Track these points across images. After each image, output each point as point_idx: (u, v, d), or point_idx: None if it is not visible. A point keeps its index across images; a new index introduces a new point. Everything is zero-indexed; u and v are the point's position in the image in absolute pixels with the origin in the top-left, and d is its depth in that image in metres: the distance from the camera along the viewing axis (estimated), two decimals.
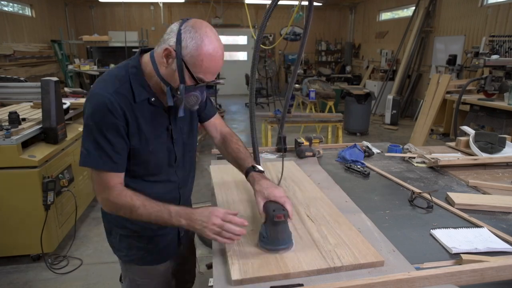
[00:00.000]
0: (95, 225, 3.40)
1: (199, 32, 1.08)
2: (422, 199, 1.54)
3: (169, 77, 1.13)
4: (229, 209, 1.30)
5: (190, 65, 1.09)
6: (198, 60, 1.08)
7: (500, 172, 1.92)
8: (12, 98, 3.46)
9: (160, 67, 1.14)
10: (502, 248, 1.18)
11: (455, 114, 4.36)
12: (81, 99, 4.03)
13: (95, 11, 11.15)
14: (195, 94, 1.15)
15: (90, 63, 7.50)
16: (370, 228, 1.31)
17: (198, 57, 1.08)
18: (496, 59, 4.74)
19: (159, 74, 1.15)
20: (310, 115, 4.74)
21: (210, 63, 1.10)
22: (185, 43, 1.07)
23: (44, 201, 2.58)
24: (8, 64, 7.20)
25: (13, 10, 8.08)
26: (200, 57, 1.08)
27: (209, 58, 1.09)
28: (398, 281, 0.97)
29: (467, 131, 2.35)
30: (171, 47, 1.09)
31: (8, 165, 2.51)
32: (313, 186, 1.67)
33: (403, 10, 9.57)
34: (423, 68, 8.49)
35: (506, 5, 6.05)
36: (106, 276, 2.68)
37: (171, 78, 1.13)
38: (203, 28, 1.09)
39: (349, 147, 2.19)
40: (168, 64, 1.12)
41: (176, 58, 1.09)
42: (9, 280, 2.60)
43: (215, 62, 1.11)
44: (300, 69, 11.22)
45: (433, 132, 6.50)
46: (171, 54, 1.09)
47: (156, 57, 1.16)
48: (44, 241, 2.62)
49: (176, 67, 1.10)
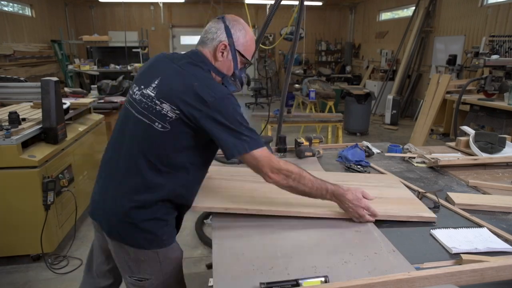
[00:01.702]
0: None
1: (241, 24, 1.34)
2: (428, 199, 1.54)
3: (225, 68, 1.34)
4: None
5: (243, 51, 1.34)
6: (247, 45, 1.34)
7: (500, 172, 1.92)
8: (12, 98, 3.47)
9: (216, 63, 1.33)
10: (502, 248, 1.18)
11: (455, 114, 4.36)
12: (81, 99, 4.03)
13: (95, 11, 11.15)
14: (244, 74, 1.42)
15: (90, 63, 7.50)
16: (370, 229, 1.31)
17: (247, 43, 1.34)
18: (496, 59, 4.74)
19: (216, 69, 1.33)
20: (310, 115, 4.74)
21: (253, 45, 1.38)
22: (236, 35, 1.31)
23: (44, 201, 2.57)
24: (8, 64, 7.20)
25: (13, 10, 8.08)
26: (248, 42, 1.35)
27: (253, 41, 1.37)
28: (398, 281, 0.97)
29: (467, 131, 2.35)
30: (225, 41, 1.30)
31: (8, 165, 2.51)
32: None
33: (403, 10, 9.57)
34: (423, 68, 8.48)
35: (506, 5, 6.05)
36: None
37: (227, 68, 1.34)
38: (241, 20, 1.35)
39: (350, 147, 2.19)
40: (223, 57, 1.32)
41: (231, 50, 1.31)
42: (9, 280, 2.59)
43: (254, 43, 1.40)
44: (300, 69, 11.22)
45: (433, 132, 6.50)
46: (226, 48, 1.30)
47: (207, 54, 1.32)
48: (44, 241, 2.62)
49: (231, 57, 1.32)
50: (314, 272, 1.06)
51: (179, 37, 11.96)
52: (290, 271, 1.07)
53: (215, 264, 1.12)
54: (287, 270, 1.07)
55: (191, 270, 2.73)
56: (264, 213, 1.36)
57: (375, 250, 1.17)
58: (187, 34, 11.92)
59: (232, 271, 1.07)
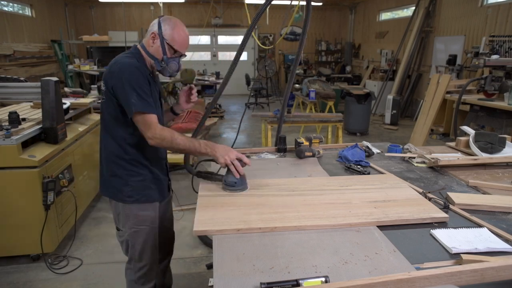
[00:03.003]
0: (95, 225, 3.40)
1: (172, 20, 1.67)
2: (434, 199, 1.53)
3: (156, 53, 1.66)
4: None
5: (170, 41, 1.64)
6: (174, 37, 1.64)
7: (500, 172, 1.92)
8: (12, 98, 3.46)
9: (148, 48, 1.68)
10: (502, 248, 1.18)
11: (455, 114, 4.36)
12: (81, 99, 4.02)
13: (95, 11, 11.15)
14: (175, 62, 1.69)
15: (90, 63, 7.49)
16: (371, 229, 1.31)
17: (173, 35, 1.64)
18: (496, 59, 4.73)
19: (149, 53, 1.68)
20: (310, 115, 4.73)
21: (181, 38, 1.66)
22: (164, 27, 1.64)
23: (44, 201, 2.57)
24: (8, 64, 7.20)
25: (13, 10, 8.08)
26: (175, 35, 1.64)
27: (180, 36, 1.66)
28: (398, 281, 0.97)
29: (467, 131, 2.35)
30: (155, 31, 1.65)
31: (8, 165, 2.51)
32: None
33: (403, 10, 9.57)
34: (423, 68, 8.48)
35: (506, 5, 6.05)
36: (106, 276, 2.68)
37: (157, 53, 1.66)
38: (174, 19, 1.68)
39: (350, 147, 2.19)
40: (154, 43, 1.66)
41: (159, 39, 1.64)
42: (9, 280, 2.59)
43: (184, 37, 1.67)
44: (300, 69, 11.22)
45: (433, 132, 6.50)
46: (155, 36, 1.65)
47: (145, 43, 1.70)
48: (44, 241, 2.62)
49: (159, 44, 1.64)
50: (314, 272, 1.06)
51: None
52: (291, 271, 1.07)
53: (216, 264, 1.12)
54: (287, 269, 1.07)
55: (191, 270, 2.73)
56: (278, 230, 1.29)
57: (376, 250, 1.17)
58: None
59: (232, 271, 1.07)
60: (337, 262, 1.11)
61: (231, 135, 6.85)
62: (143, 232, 1.76)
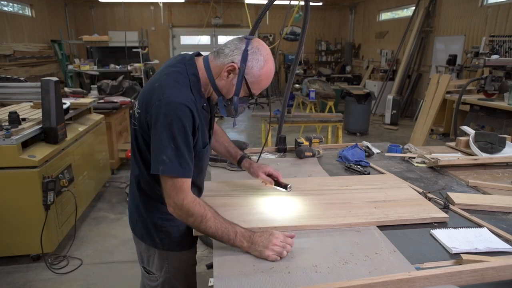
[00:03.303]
0: (95, 225, 3.40)
1: (263, 55, 1.21)
2: (434, 199, 1.53)
3: (225, 89, 1.24)
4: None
5: (250, 83, 1.22)
6: (259, 79, 1.22)
7: (500, 172, 1.92)
8: (12, 98, 3.46)
9: (218, 79, 1.23)
10: (502, 248, 1.18)
11: (455, 114, 4.36)
12: (81, 99, 4.02)
13: (95, 11, 11.15)
14: (244, 105, 1.30)
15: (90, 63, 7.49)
16: (371, 229, 1.31)
17: (260, 77, 1.22)
18: (496, 59, 4.74)
19: (214, 85, 1.24)
20: (310, 115, 4.74)
21: (267, 82, 1.25)
22: (251, 63, 1.20)
23: (44, 201, 2.57)
24: (8, 64, 7.20)
25: (13, 10, 8.08)
26: (261, 77, 1.22)
27: (267, 78, 1.25)
28: (398, 281, 0.97)
29: (467, 131, 2.35)
30: (236, 64, 1.19)
31: (8, 165, 2.51)
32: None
33: (403, 10, 9.57)
34: (423, 68, 8.48)
35: (506, 5, 6.05)
36: (106, 276, 2.68)
37: (226, 90, 1.24)
38: (266, 51, 1.23)
39: (350, 147, 2.19)
40: (228, 78, 1.22)
41: (238, 75, 1.20)
42: (9, 280, 2.59)
43: (269, 81, 1.27)
44: (300, 69, 11.22)
45: (433, 132, 6.50)
46: (235, 70, 1.20)
47: (213, 68, 1.24)
48: (44, 241, 2.62)
49: (236, 82, 1.21)
50: (315, 272, 1.06)
51: (179, 37, 11.96)
52: (291, 271, 1.07)
53: (216, 264, 1.12)
54: (287, 269, 1.07)
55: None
56: (280, 229, 1.27)
57: (376, 250, 1.17)
58: (187, 34, 11.93)
59: (232, 271, 1.07)
60: (337, 262, 1.11)
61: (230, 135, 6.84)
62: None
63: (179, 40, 11.97)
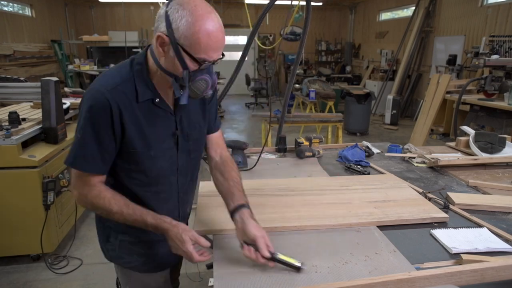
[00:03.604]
0: (95, 225, 3.39)
1: (188, 9, 0.97)
2: (434, 199, 1.53)
3: (171, 66, 1.03)
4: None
5: (188, 47, 0.98)
6: (195, 39, 0.97)
7: (500, 172, 1.92)
8: (12, 98, 3.46)
9: (160, 58, 1.04)
10: (502, 248, 1.18)
11: (455, 114, 4.36)
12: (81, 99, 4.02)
13: (95, 11, 11.15)
14: (203, 78, 1.04)
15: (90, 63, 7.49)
16: (371, 229, 1.31)
17: (194, 35, 0.97)
18: (496, 59, 4.74)
19: (161, 67, 1.05)
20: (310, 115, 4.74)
21: (209, 39, 0.98)
22: (176, 24, 0.97)
23: (44, 201, 2.57)
24: (8, 64, 7.20)
25: (13, 10, 8.08)
26: (196, 35, 0.97)
27: (206, 34, 0.97)
28: (398, 281, 0.97)
29: (467, 131, 2.35)
30: (162, 33, 1.00)
31: (8, 165, 2.51)
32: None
33: (403, 10, 9.57)
34: (423, 68, 8.48)
35: (506, 5, 6.05)
36: (106, 276, 2.68)
37: (173, 67, 1.03)
38: (191, 4, 0.98)
39: (350, 147, 2.19)
40: (166, 53, 1.02)
41: (171, 44, 0.99)
42: (9, 280, 2.59)
43: (214, 36, 0.99)
44: (300, 69, 11.22)
45: (433, 132, 6.50)
46: (164, 40, 1.00)
47: (155, 49, 1.05)
48: (44, 241, 2.62)
49: (174, 54, 1.00)
50: (315, 272, 1.06)
51: None
52: (291, 271, 1.07)
53: (216, 264, 1.12)
54: (287, 269, 1.07)
55: (191, 270, 2.73)
56: (278, 230, 1.30)
57: (376, 250, 1.17)
58: None
59: (232, 271, 1.07)
60: (337, 262, 1.11)
61: (230, 135, 6.84)
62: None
63: None
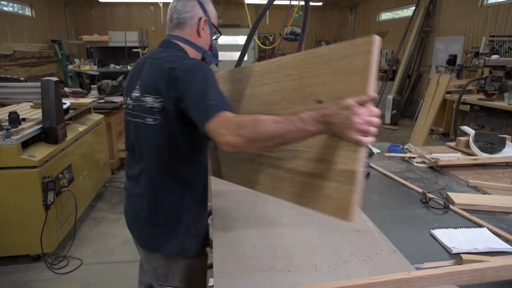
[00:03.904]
0: (95, 225, 3.40)
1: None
2: (433, 200, 1.53)
3: (204, 41, 1.34)
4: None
5: (214, 22, 1.35)
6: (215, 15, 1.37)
7: (500, 172, 1.92)
8: (12, 98, 3.46)
9: (197, 40, 1.31)
10: (502, 248, 1.18)
11: (455, 114, 4.36)
12: (81, 99, 4.02)
13: (95, 11, 11.15)
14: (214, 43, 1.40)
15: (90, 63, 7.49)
16: (371, 229, 1.31)
17: (213, 12, 1.36)
18: (496, 59, 4.74)
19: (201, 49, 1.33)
20: None
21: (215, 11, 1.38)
22: (209, 9, 1.33)
23: (44, 201, 2.57)
24: (8, 64, 7.20)
25: (13, 10, 8.08)
26: (214, 11, 1.37)
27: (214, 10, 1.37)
28: (398, 281, 0.97)
29: (467, 131, 2.35)
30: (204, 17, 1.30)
31: (8, 165, 2.51)
32: None
33: (403, 10, 9.57)
34: (423, 68, 8.48)
35: (506, 5, 6.05)
36: (106, 276, 2.68)
37: (205, 43, 1.35)
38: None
39: None
40: (204, 33, 1.32)
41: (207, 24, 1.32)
42: (9, 280, 2.59)
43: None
44: None
45: (433, 132, 6.49)
46: (205, 22, 1.31)
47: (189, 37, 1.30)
48: (44, 241, 2.62)
49: (209, 30, 1.33)
50: (314, 271, 1.06)
51: None
52: (291, 270, 1.07)
53: (215, 264, 1.12)
54: (287, 268, 1.08)
55: None
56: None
57: (376, 250, 1.17)
58: None
59: (232, 271, 1.07)
60: (337, 261, 1.11)
61: None
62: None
63: None
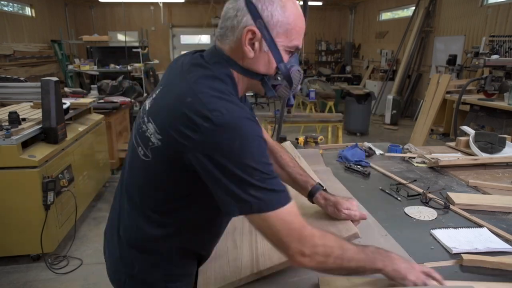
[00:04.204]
0: (95, 225, 3.40)
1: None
2: (434, 199, 1.53)
3: (262, 65, 0.88)
4: None
5: (283, 35, 0.86)
6: (290, 22, 0.86)
7: (500, 172, 1.92)
8: (12, 98, 3.47)
9: (246, 62, 0.88)
10: (502, 248, 1.18)
11: (455, 114, 4.36)
12: (81, 99, 4.02)
13: (95, 11, 11.15)
14: (297, 68, 0.92)
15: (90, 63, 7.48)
16: (371, 225, 1.31)
17: (289, 19, 0.86)
18: (496, 59, 4.74)
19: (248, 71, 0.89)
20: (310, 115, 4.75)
21: (300, 21, 0.88)
22: (268, 12, 0.84)
23: (44, 201, 2.57)
24: (8, 64, 7.20)
25: (13, 10, 8.08)
26: (291, 18, 0.86)
27: (298, 17, 0.88)
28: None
29: (467, 131, 2.34)
30: (251, 26, 0.84)
31: (8, 165, 2.51)
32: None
33: (403, 10, 9.57)
34: (423, 68, 8.48)
35: (506, 5, 6.05)
36: (106, 276, 2.67)
37: (264, 64, 0.88)
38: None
39: (350, 147, 2.19)
40: (256, 49, 0.86)
41: (263, 36, 0.85)
42: (9, 280, 2.59)
43: (302, 19, 0.89)
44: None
45: (433, 132, 6.50)
46: (255, 34, 0.84)
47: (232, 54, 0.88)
48: (44, 241, 2.62)
49: (267, 46, 0.86)
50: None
51: (179, 37, 11.96)
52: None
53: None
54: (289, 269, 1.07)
55: None
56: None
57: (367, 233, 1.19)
58: (187, 34, 11.94)
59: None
60: None
61: None
62: None
63: (179, 39, 11.98)
